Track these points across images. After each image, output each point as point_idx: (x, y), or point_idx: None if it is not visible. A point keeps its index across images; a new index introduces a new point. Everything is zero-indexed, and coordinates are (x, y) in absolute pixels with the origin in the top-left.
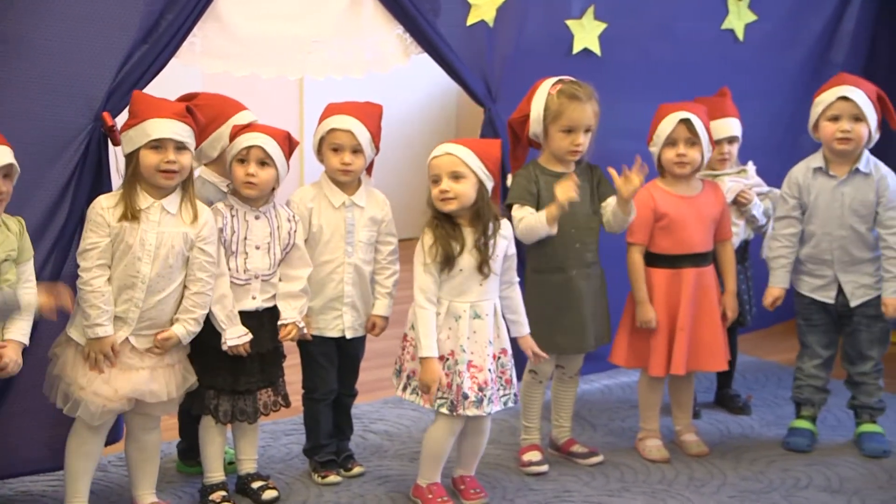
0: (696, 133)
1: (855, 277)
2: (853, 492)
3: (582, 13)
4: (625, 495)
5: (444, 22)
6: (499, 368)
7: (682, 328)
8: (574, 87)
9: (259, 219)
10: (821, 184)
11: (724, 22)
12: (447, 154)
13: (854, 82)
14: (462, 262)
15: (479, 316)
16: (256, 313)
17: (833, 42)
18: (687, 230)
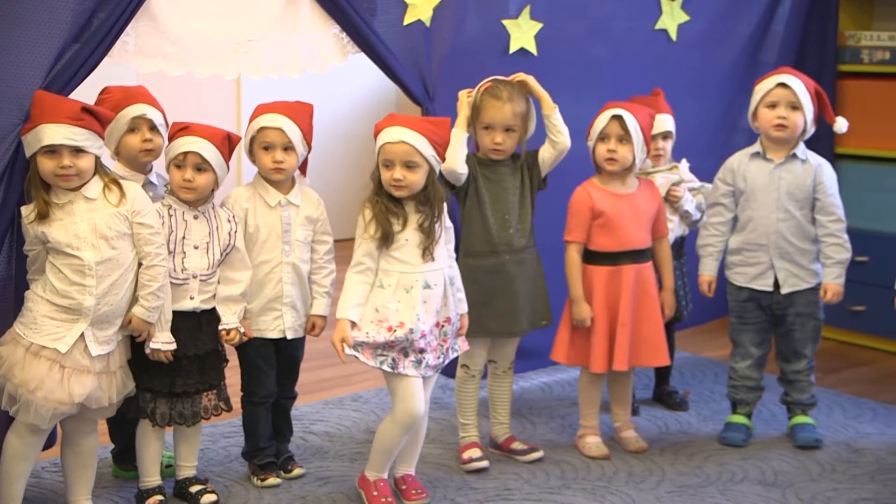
0: (628, 130)
1: (788, 266)
2: (787, 484)
3: (518, 13)
4: (565, 492)
5: (381, 21)
6: (440, 336)
7: (623, 324)
8: (497, 88)
9: (198, 218)
10: (758, 167)
11: (657, 22)
12: (402, 143)
13: (794, 73)
14: (406, 234)
15: (430, 286)
16: (195, 314)
17: (763, 43)
18: (625, 227)
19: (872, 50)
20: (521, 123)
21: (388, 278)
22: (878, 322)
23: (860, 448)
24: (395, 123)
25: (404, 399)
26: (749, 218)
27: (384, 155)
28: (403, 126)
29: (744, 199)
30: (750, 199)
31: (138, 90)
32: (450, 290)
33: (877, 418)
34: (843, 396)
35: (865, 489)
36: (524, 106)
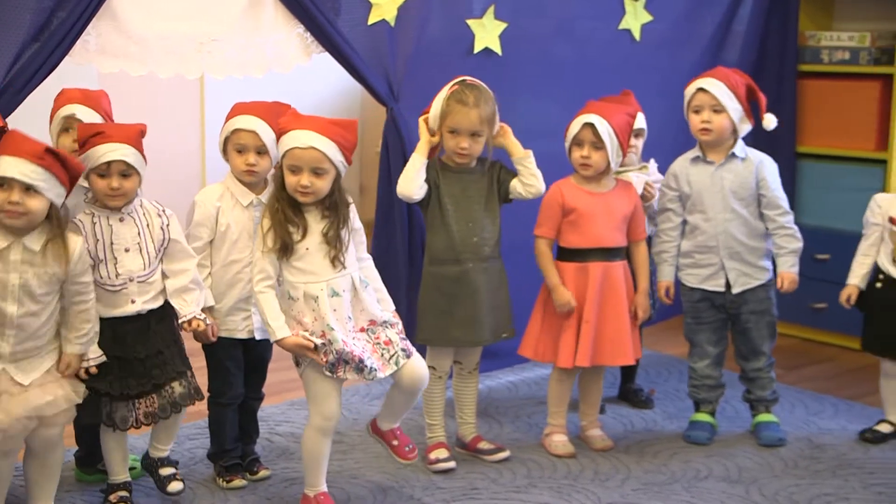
0: (601, 137)
1: (738, 265)
2: (750, 481)
3: (483, 13)
4: (531, 491)
5: (345, 21)
6: (372, 338)
7: (588, 321)
8: (464, 92)
9: (123, 221)
10: (700, 170)
11: (621, 22)
12: (312, 148)
13: (719, 74)
14: (307, 243)
15: (337, 293)
16: (140, 317)
17: (725, 42)
18: (595, 224)
19: (832, 50)
20: (487, 128)
21: (294, 290)
22: (840, 319)
23: (822, 444)
24: (304, 126)
25: (319, 402)
26: (697, 221)
27: (291, 160)
28: (312, 130)
29: (690, 203)
30: (696, 203)
31: (87, 93)
32: (363, 292)
33: (838, 414)
34: (804, 393)
35: (827, 484)
36: (490, 110)
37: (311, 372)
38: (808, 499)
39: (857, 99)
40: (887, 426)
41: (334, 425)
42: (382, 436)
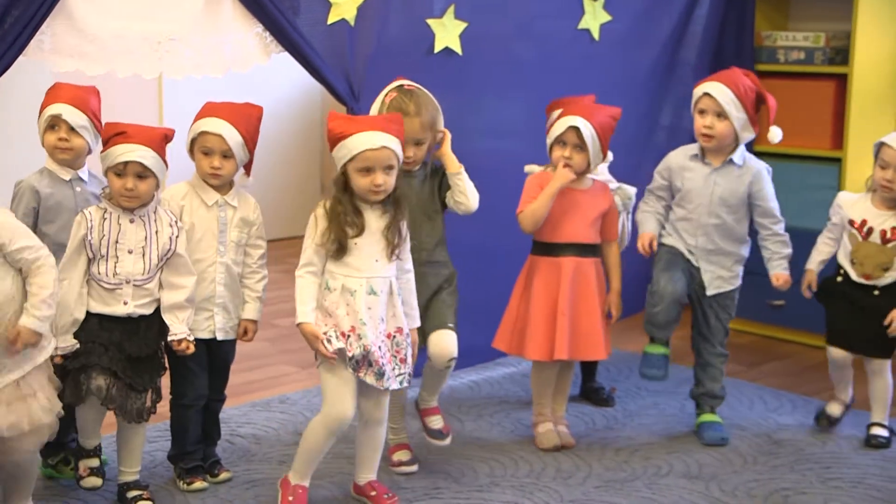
0: (584, 140)
1: (714, 268)
2: (710, 477)
3: (443, 12)
4: (494, 490)
5: (305, 20)
6: (393, 347)
7: (563, 314)
8: (403, 101)
9: (134, 222)
10: (696, 169)
11: (580, 22)
12: (385, 148)
13: (728, 78)
14: (357, 240)
15: (375, 292)
16: (130, 319)
17: (683, 42)
18: (568, 220)
19: (788, 50)
20: (430, 133)
21: (333, 281)
22: (798, 316)
23: (780, 439)
24: (367, 128)
25: (334, 401)
26: (684, 216)
27: (364, 162)
28: (378, 130)
29: (679, 197)
30: (684, 199)
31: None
32: (396, 300)
33: (796, 410)
34: (763, 389)
35: (786, 479)
36: (431, 114)
37: (328, 368)
38: (766, 493)
39: (813, 98)
40: (838, 406)
41: (345, 427)
42: (360, 492)
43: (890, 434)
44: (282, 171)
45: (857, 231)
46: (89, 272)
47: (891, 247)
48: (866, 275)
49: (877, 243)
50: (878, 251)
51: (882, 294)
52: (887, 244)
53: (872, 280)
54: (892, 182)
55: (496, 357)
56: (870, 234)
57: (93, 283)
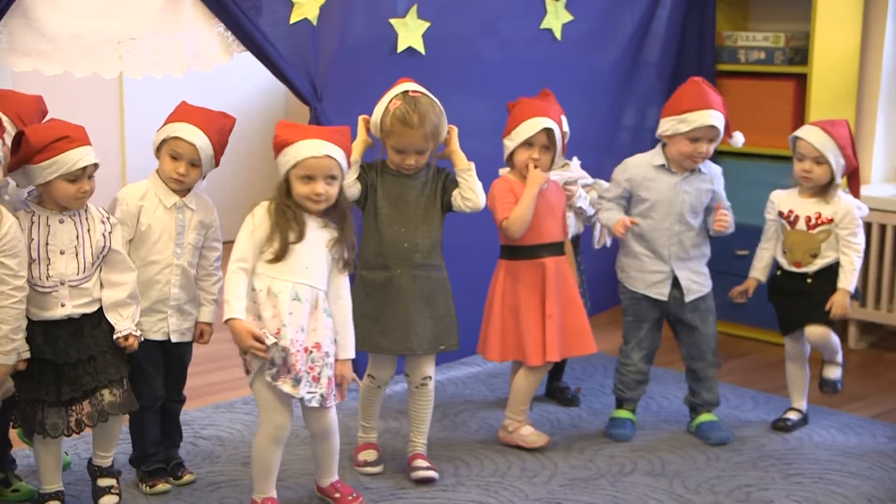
0: (554, 141)
1: (688, 273)
2: (674, 474)
3: (406, 12)
4: (459, 489)
5: (267, 20)
6: (308, 363)
7: (551, 315)
8: (408, 113)
9: (63, 223)
10: (662, 180)
11: (542, 21)
12: (327, 157)
13: (717, 104)
14: (294, 247)
15: (299, 298)
16: (72, 321)
17: (645, 43)
18: (542, 221)
19: (748, 50)
20: (433, 142)
21: (259, 282)
22: (758, 314)
23: (742, 436)
24: (311, 136)
25: (270, 411)
26: (651, 227)
27: (305, 169)
28: (322, 139)
29: (645, 207)
30: (652, 210)
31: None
32: (321, 316)
33: (757, 406)
34: (725, 386)
35: (748, 475)
36: (435, 123)
37: (261, 380)
38: (729, 490)
39: (773, 98)
40: (795, 413)
41: (286, 433)
42: (324, 493)
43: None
44: (245, 172)
45: (786, 220)
46: None
47: (816, 232)
48: (797, 262)
49: (803, 230)
50: (805, 238)
51: (814, 282)
52: (812, 230)
53: (803, 267)
54: (809, 172)
55: (461, 357)
56: (796, 222)
57: (28, 289)
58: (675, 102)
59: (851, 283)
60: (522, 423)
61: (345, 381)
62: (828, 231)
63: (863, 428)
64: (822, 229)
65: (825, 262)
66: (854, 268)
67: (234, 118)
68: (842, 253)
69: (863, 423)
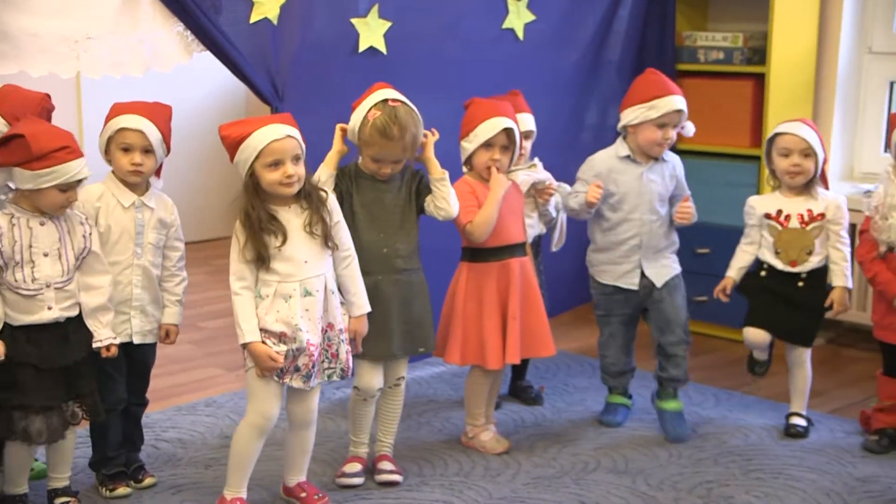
0: (514, 140)
1: (655, 265)
2: (637, 471)
3: (367, 11)
4: (423, 489)
5: (227, 19)
6: (325, 342)
7: (514, 317)
8: (388, 124)
9: (44, 225)
10: (629, 171)
11: (504, 21)
12: (289, 137)
13: (679, 90)
14: (286, 246)
15: (310, 293)
16: (58, 324)
17: (606, 42)
18: (505, 222)
19: (708, 50)
20: (410, 152)
21: (266, 288)
22: (720, 312)
23: (704, 433)
24: (268, 122)
25: (259, 400)
26: (621, 219)
27: (271, 155)
28: (278, 123)
29: (614, 200)
30: (622, 202)
31: None
32: (330, 297)
33: (719, 404)
34: (688, 384)
35: (709, 472)
36: (413, 134)
37: (249, 372)
38: (691, 486)
39: (732, 97)
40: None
41: (271, 426)
42: (290, 493)
43: (808, 424)
44: (206, 172)
45: (776, 221)
46: (4, 282)
47: (810, 229)
48: (792, 261)
49: (797, 228)
50: (800, 235)
51: (806, 283)
52: (806, 226)
53: (799, 266)
54: (799, 165)
55: (424, 357)
56: (788, 220)
57: (9, 293)
58: (640, 91)
59: (848, 279)
60: (482, 427)
61: (358, 335)
62: (821, 227)
63: (821, 423)
64: (816, 225)
65: (819, 259)
66: (848, 262)
67: (169, 105)
68: (833, 248)
69: (821, 419)
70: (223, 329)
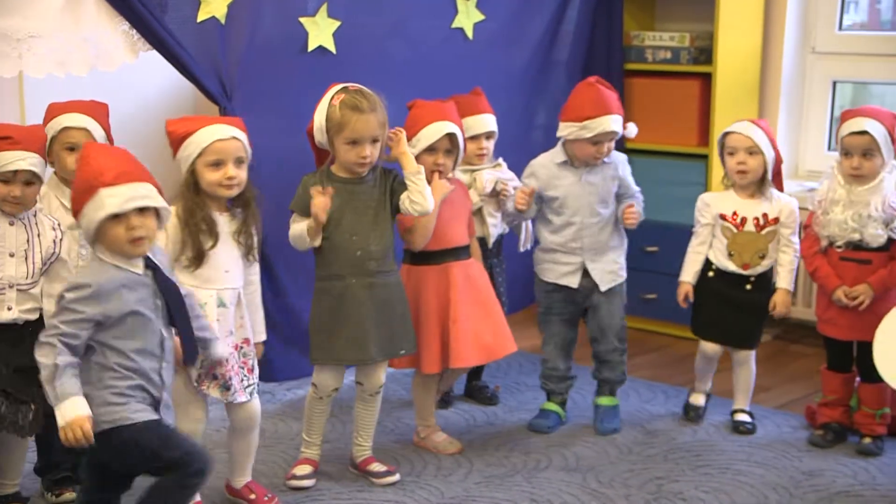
0: (457, 144)
1: (602, 265)
2: (588, 469)
3: (316, 11)
4: (374, 489)
5: (173, 18)
6: (241, 358)
7: (455, 321)
8: (357, 98)
9: (14, 225)
10: (567, 176)
11: (454, 21)
12: (234, 139)
13: (615, 106)
14: (215, 250)
15: (224, 304)
16: (16, 326)
17: (556, 42)
18: (447, 226)
19: (655, 49)
20: (384, 132)
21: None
22: (669, 309)
23: (654, 430)
24: (214, 122)
25: (184, 405)
26: (564, 223)
27: (214, 154)
28: (227, 124)
29: (556, 205)
30: (564, 206)
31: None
32: (244, 311)
33: (668, 400)
34: (637, 381)
35: (659, 468)
36: (384, 112)
37: (176, 378)
38: (641, 483)
39: (680, 96)
40: (702, 397)
41: (202, 428)
42: (238, 494)
43: (752, 419)
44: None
45: (731, 223)
46: None
47: (765, 233)
48: (745, 264)
49: (752, 231)
50: (755, 239)
51: (754, 287)
52: (762, 230)
53: (750, 269)
54: (744, 163)
55: None
56: (744, 223)
57: None
58: (575, 108)
59: (791, 282)
60: (434, 428)
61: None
62: (774, 231)
63: (768, 418)
64: (770, 230)
65: (770, 262)
66: (794, 266)
67: (105, 103)
68: (781, 251)
69: (768, 414)
70: None
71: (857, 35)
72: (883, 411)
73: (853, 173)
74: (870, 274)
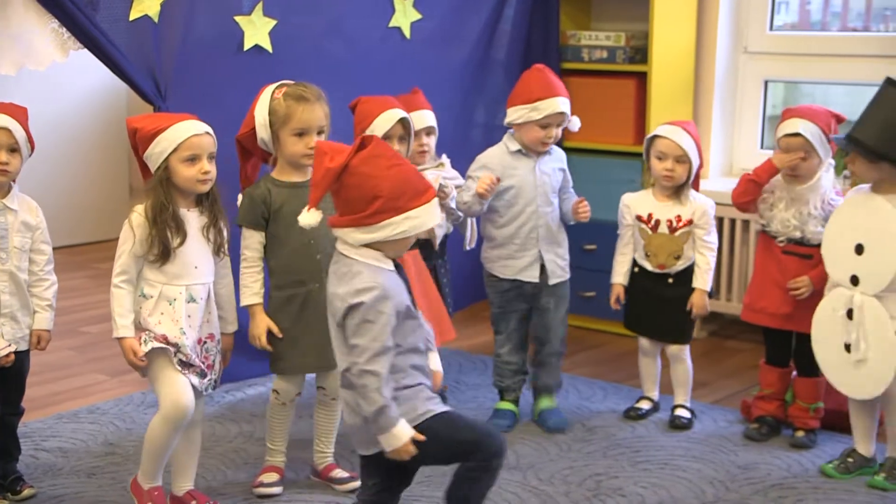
0: (409, 131)
1: (553, 256)
2: (528, 466)
3: (251, 9)
4: (315, 491)
5: (105, 16)
6: (202, 353)
7: None
8: (300, 89)
9: None
10: (522, 164)
11: (391, 20)
12: (207, 134)
13: (563, 90)
14: (182, 247)
15: (194, 300)
16: None
17: (493, 40)
18: None
19: (592, 49)
20: (328, 123)
21: (150, 289)
22: (607, 307)
23: (593, 426)
24: (185, 118)
25: (172, 393)
26: (518, 213)
27: (190, 150)
28: (197, 120)
29: (510, 195)
30: (518, 196)
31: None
32: (212, 306)
33: (607, 397)
34: (577, 378)
35: (599, 465)
36: (326, 103)
37: (158, 362)
38: (581, 479)
39: (616, 96)
40: (647, 402)
41: (187, 419)
42: (179, 502)
43: (692, 415)
44: (87, 173)
45: (646, 225)
46: None
47: (678, 235)
48: (661, 265)
49: (666, 234)
50: (668, 241)
51: (675, 283)
52: (675, 233)
53: (666, 269)
54: (672, 171)
55: None
56: (657, 225)
57: None
58: (524, 91)
59: (708, 283)
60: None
61: (228, 352)
62: (688, 232)
63: (705, 414)
64: (683, 231)
65: (687, 262)
66: (710, 267)
67: (24, 107)
68: (698, 253)
69: (705, 409)
70: (106, 334)
71: (787, 35)
72: (817, 405)
73: (790, 173)
74: (811, 269)
